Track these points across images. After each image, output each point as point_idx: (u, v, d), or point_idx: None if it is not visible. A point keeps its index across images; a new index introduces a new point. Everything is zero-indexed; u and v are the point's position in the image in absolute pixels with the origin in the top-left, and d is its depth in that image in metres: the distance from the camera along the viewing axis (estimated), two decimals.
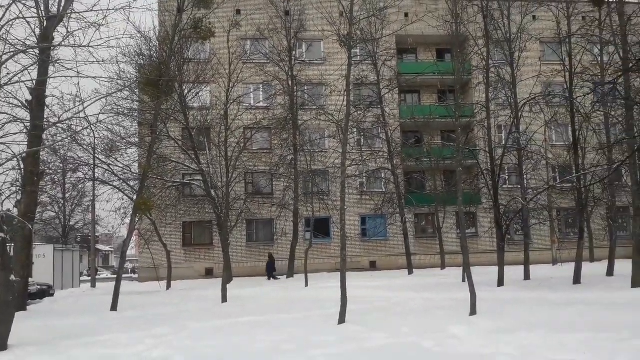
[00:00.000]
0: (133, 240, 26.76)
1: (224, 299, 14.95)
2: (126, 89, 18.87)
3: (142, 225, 24.57)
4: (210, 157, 23.74)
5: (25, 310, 14.61)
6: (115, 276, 16.71)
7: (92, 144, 22.01)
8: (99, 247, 62.35)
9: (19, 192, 17.79)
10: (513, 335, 7.93)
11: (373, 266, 29.24)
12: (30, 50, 11.21)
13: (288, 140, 26.49)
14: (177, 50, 19.44)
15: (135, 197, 18.88)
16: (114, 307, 14.51)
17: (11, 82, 10.60)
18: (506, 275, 16.96)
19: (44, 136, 14.66)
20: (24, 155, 13.64)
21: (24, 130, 12.95)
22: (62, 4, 12.56)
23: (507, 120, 21.03)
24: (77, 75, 10.36)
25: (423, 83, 29.75)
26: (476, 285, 10.76)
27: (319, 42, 29.71)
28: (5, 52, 10.07)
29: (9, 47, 10.27)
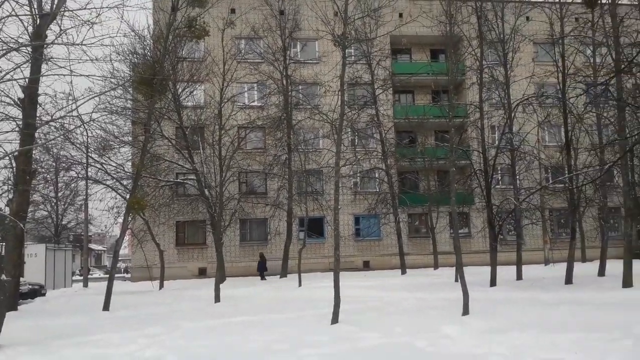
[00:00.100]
0: (126, 239, 26.69)
1: (217, 299, 14.92)
2: (120, 87, 18.79)
3: (135, 224, 24.49)
4: (204, 157, 23.68)
5: (16, 310, 14.53)
6: (108, 276, 16.64)
7: (85, 143, 21.86)
8: (92, 246, 62.07)
9: (11, 191, 17.70)
10: (505, 335, 7.96)
11: (366, 266, 29.28)
12: (22, 48, 11.13)
13: (282, 139, 26.47)
14: (171, 49, 19.38)
15: (128, 196, 18.81)
16: (106, 307, 14.45)
17: (3, 80, 10.51)
18: (499, 275, 17.04)
19: (37, 134, 14.53)
20: (16, 153, 13.53)
21: (16, 129, 12.85)
22: (55, 2, 12.47)
23: (500, 120, 21.09)
24: (70, 73, 10.30)
25: (417, 83, 29.82)
26: (469, 285, 10.80)
27: (314, 41, 29.71)
28: None
29: (1, 44, 10.20)
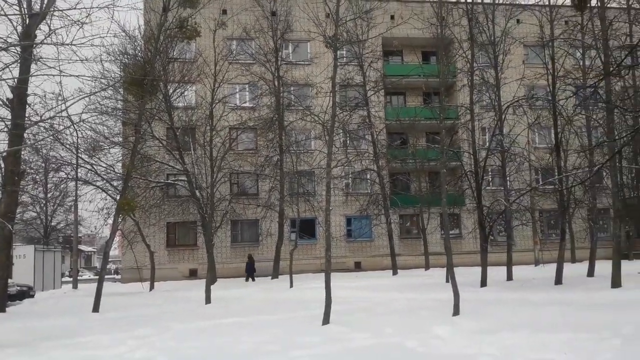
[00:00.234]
0: (116, 240, 26.47)
1: (208, 300, 14.85)
2: (110, 88, 18.69)
3: (125, 225, 24.33)
4: (195, 157, 23.61)
5: (4, 311, 14.39)
6: (98, 277, 16.53)
7: (75, 144, 21.75)
8: (81, 247, 61.60)
9: None
10: (496, 336, 8.00)
11: (358, 267, 29.32)
12: (11, 47, 11.05)
13: (274, 140, 26.44)
14: (162, 49, 19.30)
15: (118, 197, 18.70)
16: (95, 308, 14.35)
17: None
18: (489, 275, 17.12)
19: (26, 135, 14.46)
20: (4, 154, 13.44)
21: (5, 129, 12.76)
22: (45, 2, 12.41)
23: (490, 122, 21.23)
24: (59, 73, 10.24)
25: (408, 85, 29.94)
26: (459, 286, 10.84)
27: (305, 43, 29.72)
28: None
29: None
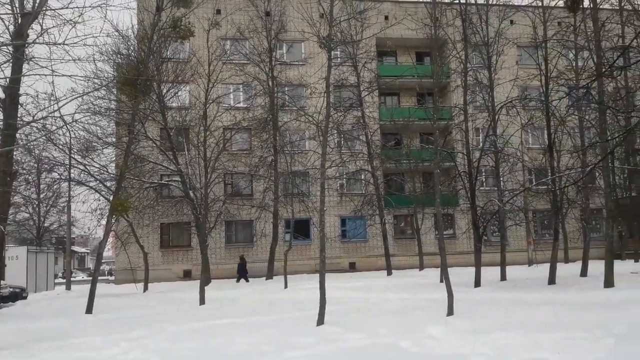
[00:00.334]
0: (109, 241, 26.39)
1: (202, 301, 14.82)
2: (103, 88, 18.60)
3: (119, 226, 24.22)
4: (188, 158, 23.53)
5: None
6: (91, 278, 16.45)
7: (68, 144, 21.60)
8: (75, 248, 61.28)
9: None
10: (489, 336, 8.02)
11: (352, 267, 29.32)
12: (3, 47, 10.97)
13: (268, 141, 26.41)
14: (155, 49, 19.23)
15: (111, 198, 18.60)
16: (89, 310, 14.27)
17: None
18: (483, 276, 17.17)
19: (18, 135, 14.34)
20: None
21: None
22: (37, 1, 12.33)
23: (484, 123, 21.30)
24: (52, 73, 10.18)
25: (402, 86, 30.00)
26: (453, 286, 10.86)
27: (300, 43, 29.71)
28: None
29: None
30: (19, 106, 13.40)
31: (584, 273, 18.19)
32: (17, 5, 12.63)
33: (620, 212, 24.10)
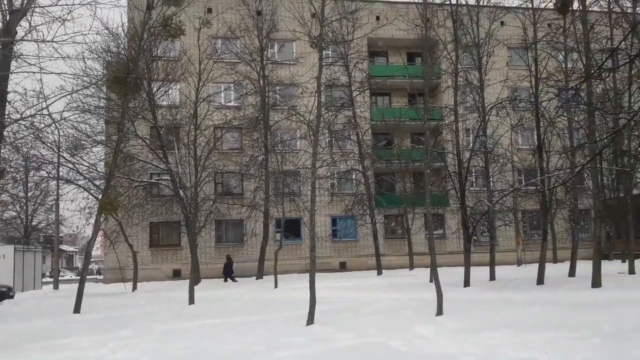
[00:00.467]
0: (98, 240, 26.18)
1: (191, 301, 14.75)
2: (92, 86, 18.45)
3: (108, 225, 24.05)
4: (178, 157, 23.41)
5: None
6: (79, 277, 16.30)
7: (56, 142, 21.40)
8: (63, 247, 60.80)
9: None
10: (479, 335, 8.06)
11: (343, 267, 29.36)
12: None
13: (259, 140, 26.35)
14: (146, 47, 19.11)
15: (100, 197, 18.46)
16: (77, 309, 14.14)
17: None
18: (472, 275, 17.25)
19: (5, 133, 14.19)
20: None
21: None
22: None
23: (474, 123, 21.41)
24: (40, 71, 10.09)
25: (393, 86, 30.07)
26: (443, 286, 10.91)
27: (291, 42, 29.67)
28: None
29: None
30: (7, 103, 13.26)
31: (572, 273, 18.33)
32: (5, 2, 12.50)
33: (608, 212, 24.33)
